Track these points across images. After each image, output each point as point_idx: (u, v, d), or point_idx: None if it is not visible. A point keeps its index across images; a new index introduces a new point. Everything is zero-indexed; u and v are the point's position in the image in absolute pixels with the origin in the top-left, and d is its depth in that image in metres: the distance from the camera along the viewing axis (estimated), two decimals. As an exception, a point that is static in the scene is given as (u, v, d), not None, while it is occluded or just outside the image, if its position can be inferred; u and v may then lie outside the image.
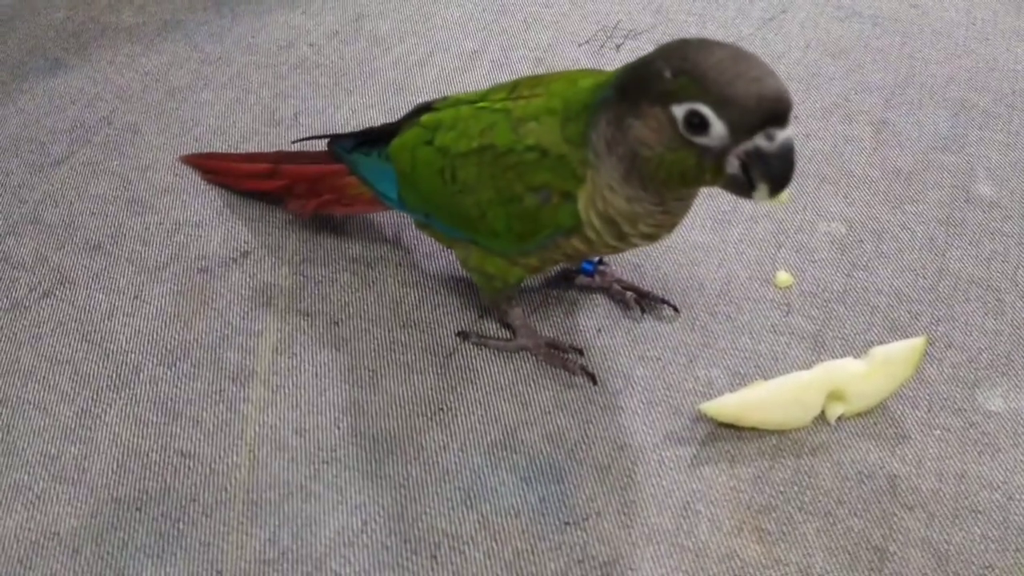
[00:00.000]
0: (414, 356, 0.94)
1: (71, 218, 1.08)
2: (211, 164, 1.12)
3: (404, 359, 0.94)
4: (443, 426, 0.89)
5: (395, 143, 0.92)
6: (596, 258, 0.99)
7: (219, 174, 1.11)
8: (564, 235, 0.81)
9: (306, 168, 1.02)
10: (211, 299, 1.00)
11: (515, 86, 0.85)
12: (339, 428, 0.89)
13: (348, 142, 0.98)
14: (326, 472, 0.85)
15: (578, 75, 0.82)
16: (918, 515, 0.82)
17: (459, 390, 0.92)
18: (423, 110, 0.92)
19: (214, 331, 0.96)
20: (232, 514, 0.83)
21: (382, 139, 0.94)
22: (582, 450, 0.87)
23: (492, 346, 0.95)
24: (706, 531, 0.81)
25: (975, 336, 0.96)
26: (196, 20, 1.36)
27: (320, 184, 1.01)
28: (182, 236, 1.06)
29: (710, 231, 1.06)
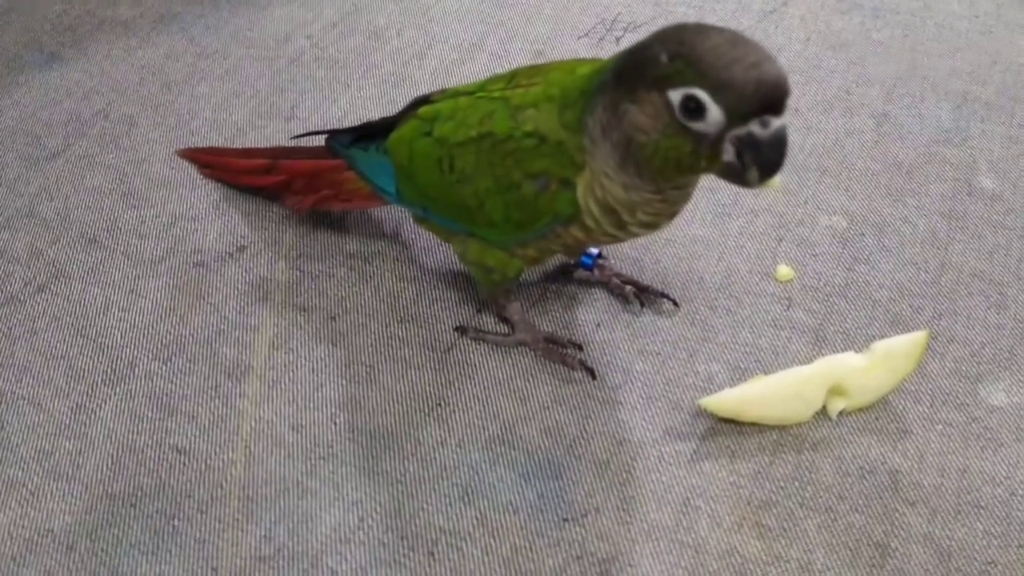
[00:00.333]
0: (412, 351, 0.94)
1: (66, 212, 1.07)
2: (208, 159, 1.11)
3: (401, 354, 0.93)
4: (441, 421, 0.88)
5: (393, 137, 0.91)
6: (595, 251, 0.98)
7: (216, 169, 1.10)
8: (563, 224, 0.81)
9: (304, 163, 1.01)
10: (207, 294, 0.99)
11: (513, 76, 0.84)
12: (336, 424, 0.88)
13: (346, 137, 0.97)
14: (322, 468, 0.85)
15: (576, 63, 0.81)
16: (920, 511, 0.82)
17: (457, 385, 0.91)
18: (421, 103, 0.91)
19: (210, 326, 0.96)
20: (227, 510, 0.82)
21: (380, 134, 0.93)
22: (581, 446, 0.86)
23: (490, 341, 0.94)
24: (706, 527, 0.81)
25: (977, 330, 0.95)
26: (193, 13, 1.35)
27: (318, 179, 1.00)
28: (178, 230, 1.05)
29: (710, 224, 1.05)
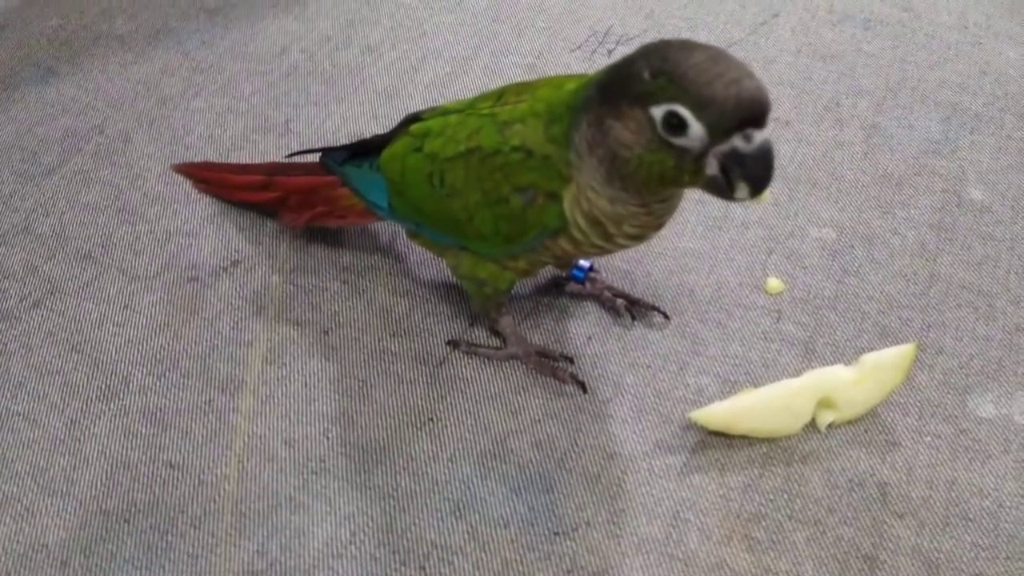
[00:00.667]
0: (404, 365, 0.94)
1: (62, 227, 1.08)
2: (204, 174, 1.12)
3: (394, 368, 0.94)
4: (433, 436, 0.89)
5: (385, 153, 0.92)
6: (587, 265, 0.99)
7: (212, 184, 1.11)
8: (551, 236, 0.81)
9: (299, 180, 1.02)
10: (201, 308, 0.99)
11: (502, 93, 0.85)
12: (328, 438, 0.88)
13: (340, 155, 0.98)
14: (315, 483, 0.85)
15: (565, 79, 0.82)
16: (908, 523, 0.82)
17: (449, 399, 0.91)
18: (412, 121, 0.92)
19: (204, 341, 0.96)
20: (220, 525, 0.82)
21: (373, 151, 0.94)
22: (572, 459, 0.87)
23: (482, 354, 0.95)
24: (695, 540, 0.81)
25: (966, 342, 0.96)
26: (188, 28, 1.36)
27: (313, 196, 1.01)
28: (173, 245, 1.06)
29: (700, 237, 1.06)
